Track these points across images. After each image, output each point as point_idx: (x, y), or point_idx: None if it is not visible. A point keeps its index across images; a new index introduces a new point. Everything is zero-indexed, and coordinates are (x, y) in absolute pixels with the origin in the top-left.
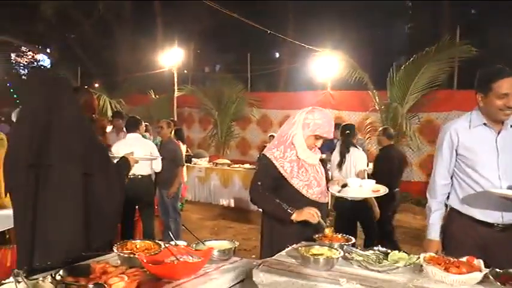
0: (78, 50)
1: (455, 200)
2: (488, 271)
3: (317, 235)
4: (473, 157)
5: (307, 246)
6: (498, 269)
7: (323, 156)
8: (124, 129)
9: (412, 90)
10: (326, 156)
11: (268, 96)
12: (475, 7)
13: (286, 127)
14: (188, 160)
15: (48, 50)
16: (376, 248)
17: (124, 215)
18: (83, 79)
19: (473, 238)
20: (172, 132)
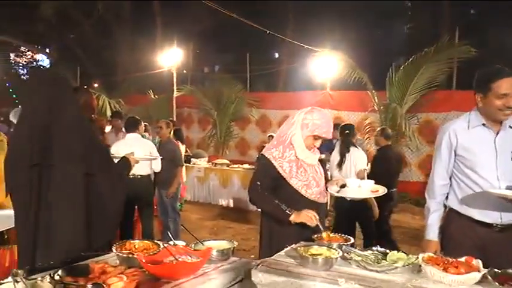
0: (77, 50)
1: (454, 201)
2: (486, 271)
3: (316, 235)
4: (472, 158)
5: (305, 246)
6: (497, 269)
7: (322, 156)
8: (123, 129)
9: (411, 90)
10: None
11: (267, 96)
12: (475, 7)
13: (285, 127)
14: (187, 160)
15: (47, 50)
16: (374, 248)
17: (123, 215)
18: (82, 79)
19: (472, 239)
20: (171, 132)
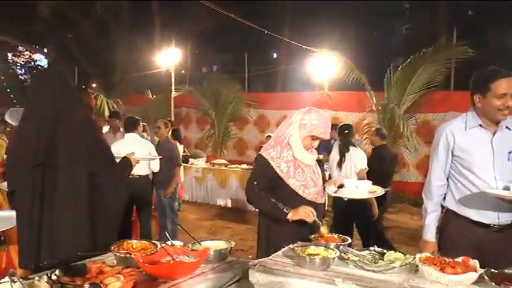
0: (75, 50)
1: (451, 201)
2: (483, 271)
3: (313, 235)
4: (469, 158)
5: (303, 246)
6: (493, 270)
7: (320, 156)
8: (121, 129)
9: (409, 91)
10: (323, 156)
11: (265, 96)
12: (472, 8)
13: (283, 127)
14: (185, 160)
15: (45, 50)
16: (372, 248)
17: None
18: (80, 79)
19: (469, 239)
20: (169, 132)
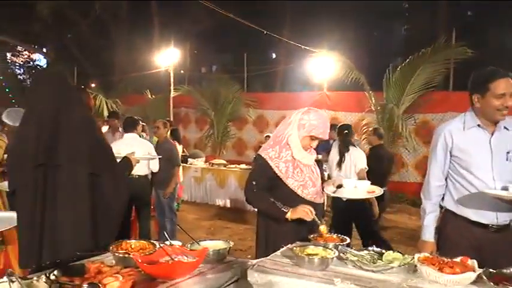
0: (74, 50)
1: (450, 201)
2: (481, 271)
3: (312, 235)
4: (467, 158)
5: (302, 246)
6: (492, 269)
7: (319, 156)
8: (120, 129)
9: (408, 91)
10: (322, 157)
11: (264, 96)
12: (471, 9)
13: (281, 127)
14: (184, 160)
15: (44, 50)
16: (370, 248)
17: None
18: (79, 79)
19: (468, 239)
20: (168, 132)
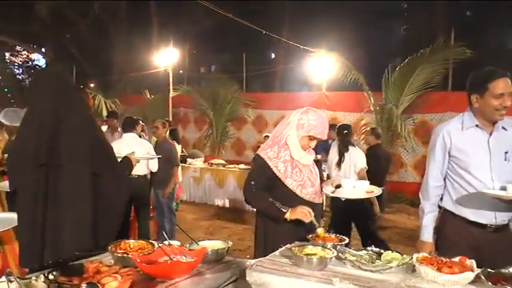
0: (73, 50)
1: (448, 202)
2: (480, 271)
3: (310, 235)
4: (466, 159)
5: (300, 246)
6: (490, 269)
7: (318, 156)
8: (119, 129)
9: (407, 91)
10: (321, 157)
11: (263, 96)
12: (470, 9)
13: (280, 127)
14: (183, 160)
15: (43, 50)
16: (369, 248)
17: None
18: (78, 79)
19: (466, 239)
20: (167, 132)
